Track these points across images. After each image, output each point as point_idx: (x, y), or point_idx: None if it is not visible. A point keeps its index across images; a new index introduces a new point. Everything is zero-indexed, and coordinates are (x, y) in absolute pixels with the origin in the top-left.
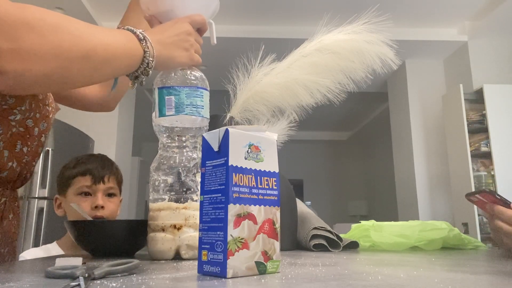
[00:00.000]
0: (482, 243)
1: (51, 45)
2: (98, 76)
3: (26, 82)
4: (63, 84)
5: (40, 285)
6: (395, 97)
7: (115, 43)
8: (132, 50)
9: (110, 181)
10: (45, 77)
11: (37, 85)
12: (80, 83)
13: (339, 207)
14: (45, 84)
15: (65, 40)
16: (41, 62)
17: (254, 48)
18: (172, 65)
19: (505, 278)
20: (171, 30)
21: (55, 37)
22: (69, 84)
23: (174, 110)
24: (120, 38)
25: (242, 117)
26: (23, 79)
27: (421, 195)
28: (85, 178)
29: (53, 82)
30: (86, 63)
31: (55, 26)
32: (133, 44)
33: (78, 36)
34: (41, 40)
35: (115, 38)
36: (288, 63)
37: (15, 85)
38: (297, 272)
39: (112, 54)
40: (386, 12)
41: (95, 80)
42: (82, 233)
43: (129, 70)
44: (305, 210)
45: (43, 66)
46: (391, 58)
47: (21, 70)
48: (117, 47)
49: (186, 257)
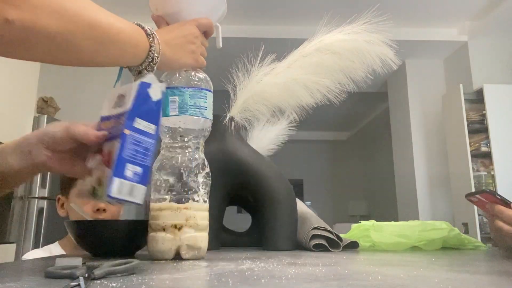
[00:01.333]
0: (482, 243)
1: (56, 4)
2: (104, 53)
3: (30, 37)
4: (68, 51)
5: (40, 285)
6: (395, 97)
7: (121, 26)
8: (138, 40)
9: None
10: (49, 35)
11: (42, 45)
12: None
13: (339, 207)
14: (50, 46)
15: (70, 2)
16: (45, 16)
17: (254, 48)
18: (177, 66)
19: (505, 278)
20: (177, 31)
21: (62, 2)
22: (74, 52)
23: (177, 111)
24: (128, 26)
25: (242, 117)
26: (27, 31)
27: (421, 195)
28: None
29: (58, 46)
30: (91, 32)
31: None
32: (139, 36)
33: (83, 7)
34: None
35: (122, 23)
36: (288, 63)
37: (21, 39)
38: (297, 272)
39: (117, 34)
40: (386, 12)
41: (100, 57)
42: (82, 233)
43: (133, 61)
44: (305, 210)
45: (48, 22)
46: (391, 58)
47: (28, 20)
48: (123, 31)
49: (187, 257)
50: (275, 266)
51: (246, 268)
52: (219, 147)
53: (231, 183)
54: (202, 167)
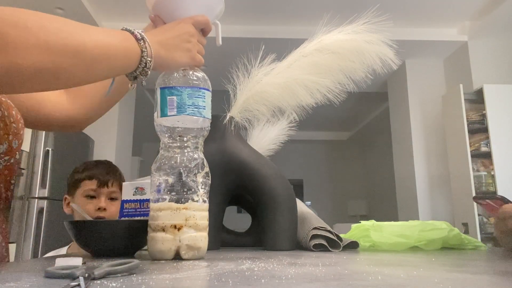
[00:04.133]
0: (482, 243)
1: (37, 40)
2: (93, 74)
3: (15, 78)
4: (56, 80)
5: (40, 285)
6: (395, 97)
7: (108, 41)
8: (128, 49)
9: (113, 186)
10: (35, 72)
11: (29, 82)
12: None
13: (339, 207)
14: (37, 80)
15: (52, 34)
16: (28, 56)
17: (254, 48)
18: (174, 65)
19: (505, 278)
20: (173, 31)
21: (41, 32)
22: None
23: (176, 111)
24: (115, 37)
25: (242, 117)
26: (11, 74)
27: (421, 195)
28: (91, 182)
29: (45, 79)
30: (77, 59)
31: (41, 22)
32: (129, 44)
33: (66, 31)
34: (26, 34)
35: (109, 37)
36: (288, 63)
37: (6, 81)
38: (297, 272)
39: (104, 52)
40: (386, 12)
41: (90, 78)
42: (82, 233)
43: (126, 70)
44: (305, 210)
45: (30, 60)
46: (391, 58)
47: (7, 64)
48: (111, 45)
49: (186, 257)
50: (275, 266)
51: (246, 268)
52: (219, 147)
53: (231, 183)
54: (201, 166)
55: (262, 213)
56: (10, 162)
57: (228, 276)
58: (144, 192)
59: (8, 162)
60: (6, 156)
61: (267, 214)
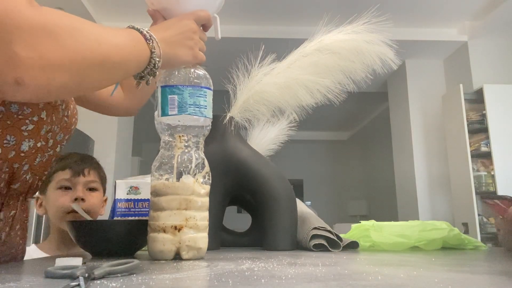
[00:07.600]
0: (482, 243)
1: (69, 53)
2: (110, 80)
3: (45, 92)
4: (77, 91)
5: (40, 285)
6: (395, 97)
7: (126, 46)
8: (140, 51)
9: (90, 175)
10: (63, 86)
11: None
12: (92, 89)
13: (339, 207)
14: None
15: (82, 45)
16: (61, 71)
17: (254, 48)
18: (177, 63)
19: (505, 278)
20: (175, 28)
21: (72, 43)
22: (82, 90)
23: (177, 110)
24: (130, 40)
25: (242, 117)
26: (42, 90)
27: (421, 195)
28: (64, 172)
29: (69, 91)
30: (102, 69)
31: (71, 30)
32: (141, 46)
33: (94, 40)
34: (60, 47)
35: (125, 40)
36: (288, 63)
37: (34, 96)
38: (297, 272)
39: (124, 58)
40: (386, 12)
41: (105, 84)
42: (82, 233)
43: (137, 71)
44: (305, 210)
45: (63, 76)
46: (391, 58)
47: (43, 81)
48: (129, 51)
49: (186, 257)
50: (275, 266)
51: (246, 268)
52: (219, 147)
53: (231, 183)
54: (202, 166)
55: (262, 213)
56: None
57: (228, 276)
58: (139, 191)
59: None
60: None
61: (267, 214)
